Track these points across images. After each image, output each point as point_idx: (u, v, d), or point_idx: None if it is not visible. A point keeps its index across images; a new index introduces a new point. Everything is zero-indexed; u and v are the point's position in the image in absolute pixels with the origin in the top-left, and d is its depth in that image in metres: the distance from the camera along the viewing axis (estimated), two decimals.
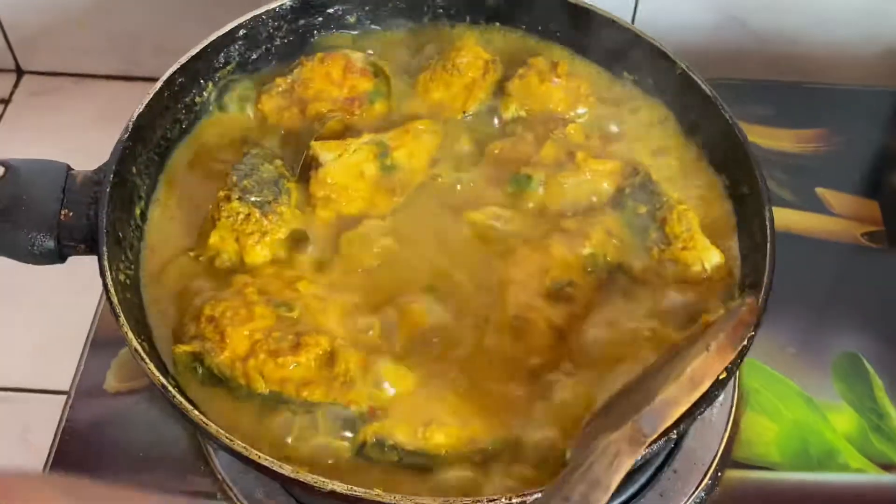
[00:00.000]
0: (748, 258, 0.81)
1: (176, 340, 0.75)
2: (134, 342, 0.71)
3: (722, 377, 0.68)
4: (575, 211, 0.83)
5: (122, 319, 0.72)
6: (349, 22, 0.96)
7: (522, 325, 0.77)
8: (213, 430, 0.67)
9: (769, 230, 0.78)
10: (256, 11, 0.91)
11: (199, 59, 0.88)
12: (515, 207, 0.84)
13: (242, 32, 0.91)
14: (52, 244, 0.77)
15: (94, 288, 0.93)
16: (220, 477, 0.85)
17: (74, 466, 0.86)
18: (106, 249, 0.75)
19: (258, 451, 0.67)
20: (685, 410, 0.65)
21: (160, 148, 0.86)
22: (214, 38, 0.89)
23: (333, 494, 0.65)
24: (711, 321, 0.74)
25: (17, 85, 1.23)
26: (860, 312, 0.98)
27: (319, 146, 0.84)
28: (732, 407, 0.90)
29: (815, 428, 0.90)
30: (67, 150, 0.86)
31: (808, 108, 1.14)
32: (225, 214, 0.79)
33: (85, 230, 0.77)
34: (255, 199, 0.80)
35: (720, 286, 0.80)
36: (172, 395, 0.69)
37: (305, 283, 0.78)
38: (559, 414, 0.73)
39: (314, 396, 0.71)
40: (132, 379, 0.91)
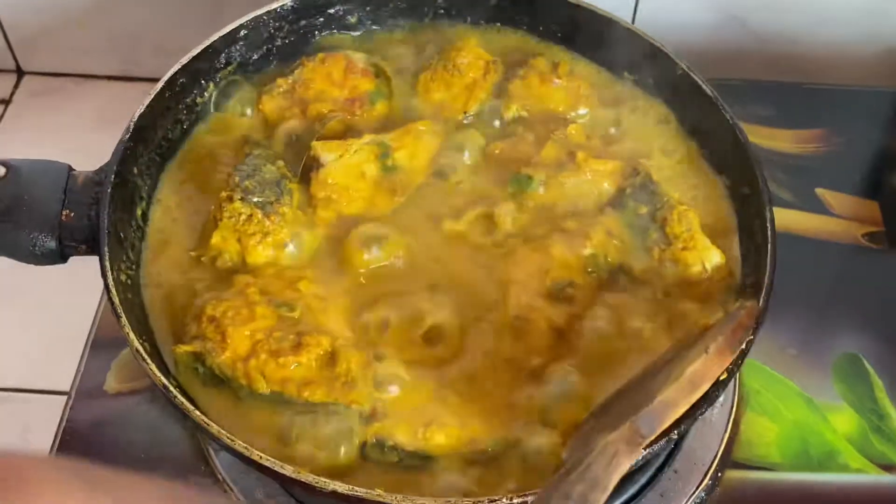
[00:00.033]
0: (749, 258, 0.81)
1: (177, 341, 0.75)
2: (135, 342, 0.71)
3: (722, 378, 0.68)
4: (575, 211, 0.83)
5: (123, 320, 0.72)
6: (350, 22, 0.96)
7: (523, 325, 0.77)
8: (214, 430, 0.67)
9: (770, 231, 0.78)
10: (257, 12, 0.91)
11: (200, 59, 0.88)
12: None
13: (243, 33, 0.91)
14: (53, 244, 0.77)
15: (94, 288, 0.93)
16: (220, 477, 0.85)
17: None
18: (107, 250, 0.75)
19: (259, 451, 0.66)
20: (683, 412, 0.65)
21: (161, 148, 0.86)
22: (215, 38, 0.89)
23: (335, 495, 0.65)
24: (710, 324, 0.74)
25: (17, 85, 1.23)
26: (860, 313, 0.98)
27: (320, 147, 0.84)
28: (733, 407, 0.90)
29: (815, 428, 0.90)
30: (68, 150, 0.86)
31: (808, 108, 1.14)
32: (227, 215, 0.79)
33: (86, 230, 0.77)
34: (256, 199, 0.80)
35: (721, 286, 0.79)
36: (174, 395, 0.69)
37: (306, 283, 0.78)
38: (560, 415, 0.72)
39: (315, 396, 0.71)
40: (132, 379, 0.91)
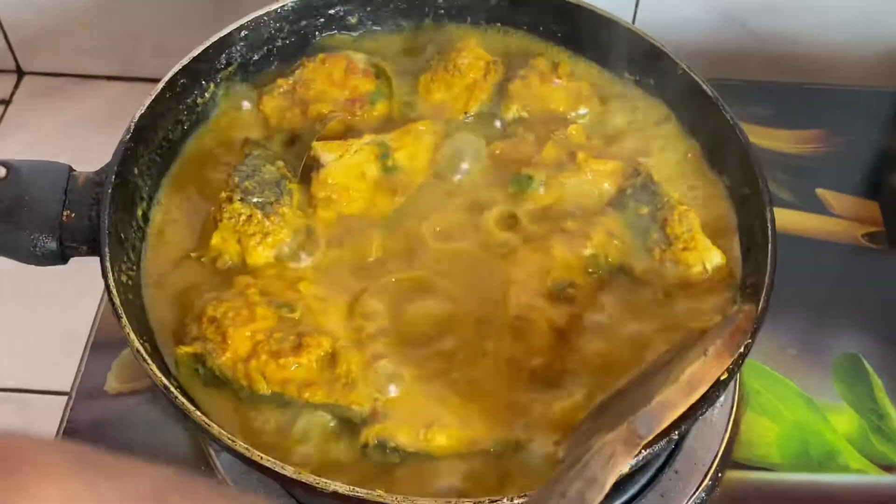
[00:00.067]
0: (749, 259, 0.81)
1: (177, 341, 0.75)
2: (136, 343, 0.71)
3: (723, 378, 0.68)
4: (576, 211, 0.83)
5: (124, 320, 0.72)
6: (351, 23, 0.96)
7: (524, 325, 0.77)
8: (215, 431, 0.67)
9: (770, 231, 0.78)
10: (258, 12, 0.91)
11: (200, 59, 0.88)
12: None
13: (244, 33, 0.90)
14: (54, 245, 0.76)
15: (94, 289, 0.93)
16: (221, 477, 0.85)
17: None
18: (108, 250, 0.75)
19: (260, 452, 0.66)
20: (681, 413, 0.65)
21: (162, 149, 0.86)
22: (216, 38, 0.89)
23: (336, 495, 0.64)
24: (709, 327, 0.75)
25: (17, 86, 1.23)
26: (860, 313, 0.97)
27: (321, 147, 0.84)
28: (733, 408, 0.90)
29: (815, 429, 0.90)
30: (68, 150, 0.86)
31: (808, 108, 1.14)
32: (227, 215, 0.79)
33: (87, 231, 0.77)
34: (256, 200, 0.80)
35: (721, 287, 0.79)
36: (174, 396, 0.69)
37: (307, 283, 0.78)
38: (561, 415, 0.72)
39: (316, 397, 0.71)
40: (133, 380, 0.91)
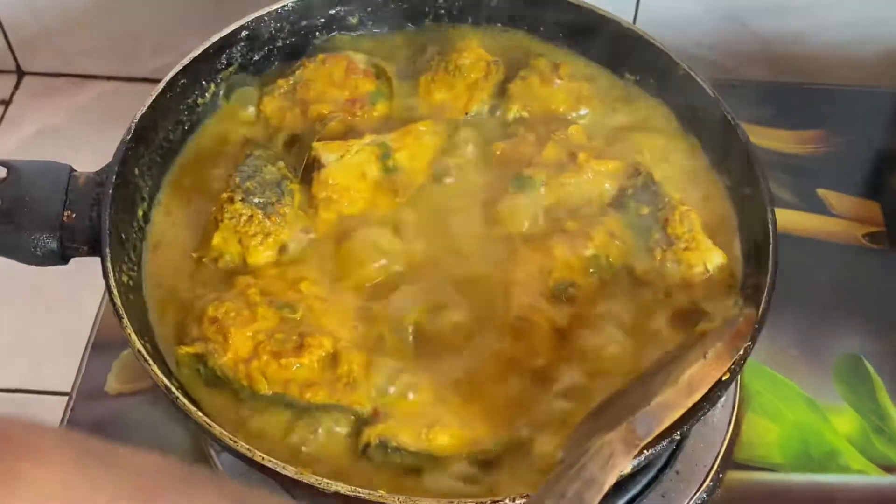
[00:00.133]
0: (750, 259, 0.81)
1: (178, 342, 0.75)
2: (137, 343, 0.71)
3: (725, 378, 0.68)
4: (577, 212, 0.83)
5: (125, 321, 0.72)
6: (351, 23, 0.96)
7: (525, 325, 0.77)
8: (216, 431, 0.67)
9: (772, 231, 0.78)
10: (258, 12, 0.91)
11: (201, 60, 0.88)
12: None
13: (244, 34, 0.90)
14: (54, 245, 0.76)
15: (95, 289, 0.93)
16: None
17: None
18: (109, 251, 0.75)
19: (261, 452, 0.66)
20: (681, 415, 0.65)
21: (162, 149, 0.86)
22: (216, 39, 0.89)
23: (337, 496, 0.64)
24: (709, 329, 0.75)
25: (17, 86, 1.23)
26: (861, 314, 0.97)
27: (321, 147, 0.84)
28: (734, 408, 0.90)
29: (816, 429, 0.90)
30: (69, 151, 0.86)
31: (808, 108, 1.14)
32: (228, 216, 0.79)
33: (88, 231, 0.77)
34: (257, 200, 0.80)
35: (722, 287, 0.79)
36: (176, 396, 0.69)
37: (308, 284, 0.78)
38: (561, 415, 0.72)
39: (317, 398, 0.71)
40: (133, 380, 0.91)
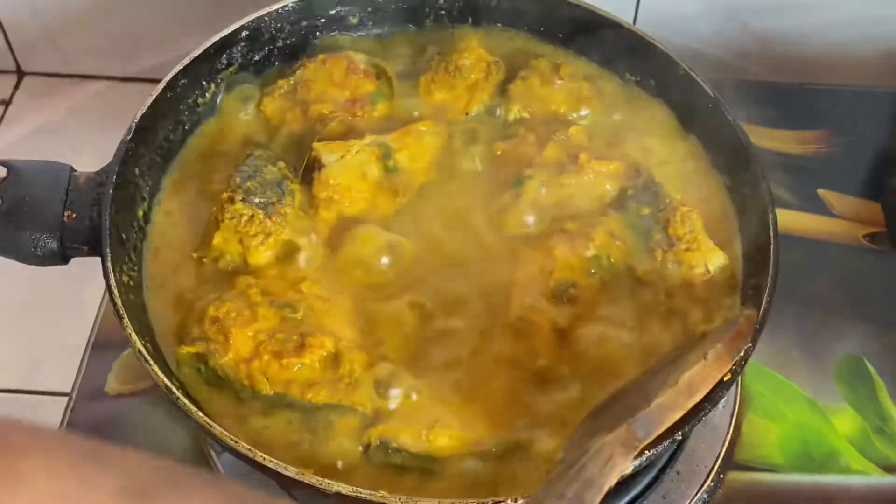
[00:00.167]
0: (751, 260, 0.81)
1: (179, 342, 0.75)
2: (138, 344, 0.71)
3: (726, 379, 0.68)
4: (578, 213, 0.83)
5: (126, 321, 0.71)
6: (351, 23, 0.96)
7: (526, 326, 0.76)
8: (217, 431, 0.67)
9: (772, 232, 0.78)
10: (259, 13, 0.91)
11: (201, 60, 0.87)
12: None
13: (245, 34, 0.90)
14: (55, 246, 0.76)
15: (95, 289, 0.93)
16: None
17: None
18: (109, 251, 0.74)
19: (262, 452, 0.66)
20: (682, 416, 0.65)
21: (163, 149, 0.85)
22: (217, 39, 0.88)
23: (339, 496, 0.64)
24: (709, 330, 0.74)
25: (17, 86, 1.23)
26: (862, 314, 0.97)
27: (322, 147, 0.84)
28: (735, 409, 0.90)
29: (817, 430, 0.90)
30: (69, 151, 0.86)
31: (809, 108, 1.14)
32: (228, 216, 0.79)
33: (88, 232, 0.76)
34: (258, 200, 0.80)
35: (723, 288, 0.79)
36: (177, 396, 0.69)
37: (309, 284, 0.78)
38: (562, 416, 0.72)
39: (319, 398, 0.71)
40: (134, 381, 0.91)
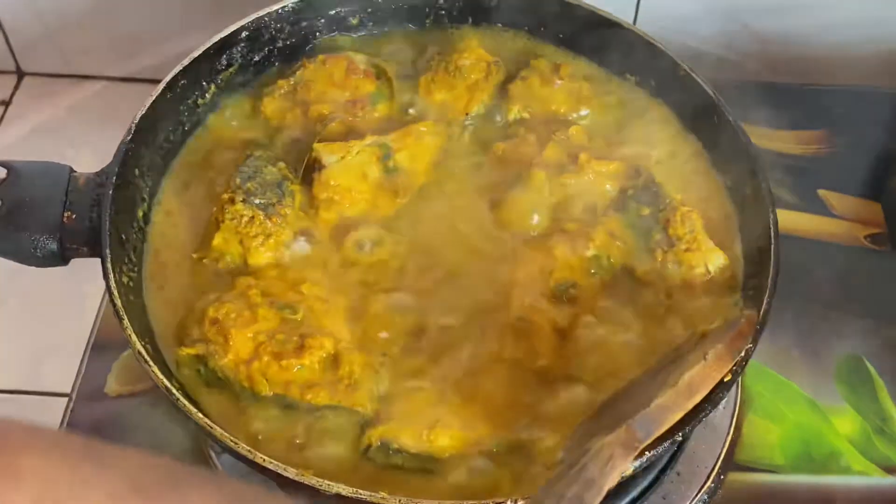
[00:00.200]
0: (751, 260, 0.81)
1: (179, 343, 0.75)
2: (137, 345, 0.71)
3: (727, 379, 0.68)
4: (578, 213, 0.83)
5: (125, 322, 0.71)
6: (351, 24, 0.96)
7: (526, 326, 0.76)
8: (217, 433, 0.67)
9: (773, 233, 0.78)
10: (259, 13, 0.91)
11: (201, 60, 0.87)
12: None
13: (245, 34, 0.90)
14: (55, 246, 0.76)
15: (95, 290, 0.93)
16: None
17: None
18: (109, 252, 0.74)
19: (262, 454, 0.66)
20: (682, 416, 0.65)
21: (162, 150, 0.85)
22: (217, 39, 0.88)
23: (339, 498, 0.64)
24: (709, 330, 0.74)
25: (17, 87, 1.23)
26: (863, 315, 0.97)
27: (322, 148, 0.84)
28: (735, 410, 0.90)
29: (817, 430, 0.90)
30: (69, 151, 0.86)
31: (810, 109, 1.14)
32: (229, 217, 0.79)
33: (88, 232, 0.76)
34: (258, 201, 0.80)
35: (723, 288, 0.79)
36: (176, 397, 0.69)
37: (309, 285, 0.78)
38: (563, 416, 0.72)
39: (318, 399, 0.71)
40: (133, 382, 0.91)
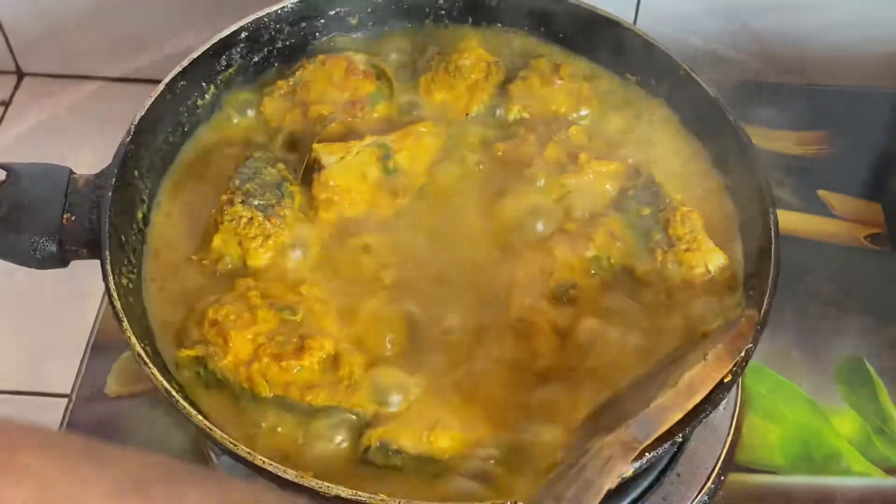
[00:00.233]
0: (751, 260, 0.81)
1: (178, 344, 0.75)
2: (137, 347, 0.71)
3: (727, 380, 0.68)
4: (578, 213, 0.83)
5: (125, 324, 0.71)
6: (351, 24, 0.96)
7: (526, 327, 0.76)
8: (217, 434, 0.67)
9: (773, 233, 0.78)
10: (258, 14, 0.91)
11: (200, 61, 0.87)
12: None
13: (244, 35, 0.90)
14: (54, 248, 0.76)
15: (94, 291, 0.93)
16: None
17: None
18: (108, 253, 0.74)
19: (262, 455, 0.66)
20: (682, 417, 0.65)
21: (162, 151, 0.85)
22: (216, 40, 0.88)
23: (338, 500, 0.64)
24: (710, 331, 0.74)
25: (17, 87, 1.23)
26: (863, 315, 0.97)
27: (321, 148, 0.84)
28: (735, 411, 0.89)
29: (818, 431, 0.90)
30: (68, 152, 0.86)
31: (810, 109, 1.13)
32: (228, 218, 0.79)
33: (87, 234, 0.76)
34: (258, 202, 0.80)
35: (723, 288, 0.79)
36: (176, 399, 0.68)
37: (308, 286, 0.78)
38: (562, 416, 0.72)
39: (318, 400, 0.71)
40: (133, 383, 0.91)
